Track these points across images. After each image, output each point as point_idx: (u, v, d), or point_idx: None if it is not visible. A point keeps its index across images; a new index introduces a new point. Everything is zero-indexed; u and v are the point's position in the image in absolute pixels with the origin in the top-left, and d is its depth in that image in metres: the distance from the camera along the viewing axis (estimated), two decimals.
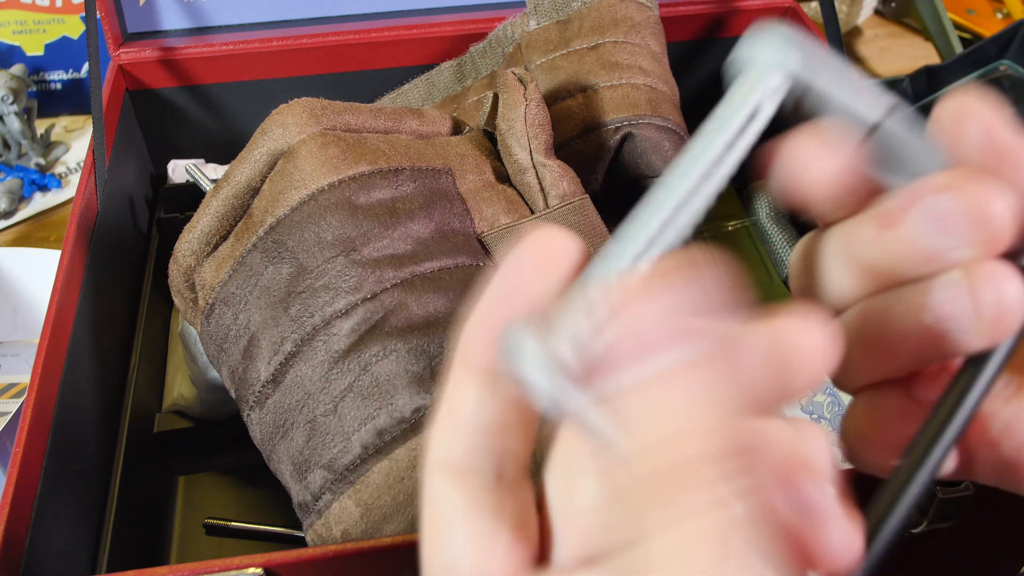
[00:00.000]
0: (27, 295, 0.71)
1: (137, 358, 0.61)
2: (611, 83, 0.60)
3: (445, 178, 0.51)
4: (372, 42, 0.72)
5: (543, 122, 0.53)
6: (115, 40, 0.71)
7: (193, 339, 0.59)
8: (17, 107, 0.85)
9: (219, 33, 0.73)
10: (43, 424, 0.46)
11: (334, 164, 0.47)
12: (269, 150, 0.49)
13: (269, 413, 0.47)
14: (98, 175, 0.60)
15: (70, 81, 0.94)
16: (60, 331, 0.50)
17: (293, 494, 0.46)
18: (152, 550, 0.57)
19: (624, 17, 0.63)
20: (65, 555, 0.46)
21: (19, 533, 0.42)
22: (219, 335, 0.49)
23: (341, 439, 0.44)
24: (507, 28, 0.67)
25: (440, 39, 0.72)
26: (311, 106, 0.50)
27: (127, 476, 0.54)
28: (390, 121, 0.52)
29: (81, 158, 0.91)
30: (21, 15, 0.90)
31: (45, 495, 0.44)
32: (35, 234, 0.84)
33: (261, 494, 0.60)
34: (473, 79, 0.68)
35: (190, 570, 0.39)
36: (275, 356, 0.46)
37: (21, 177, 0.86)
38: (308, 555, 0.40)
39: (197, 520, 0.58)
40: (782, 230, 0.74)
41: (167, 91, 0.73)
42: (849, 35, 1.06)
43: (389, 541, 0.40)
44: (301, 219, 0.47)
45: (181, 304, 0.52)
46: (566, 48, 0.63)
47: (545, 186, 0.52)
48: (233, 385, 0.49)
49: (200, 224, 0.50)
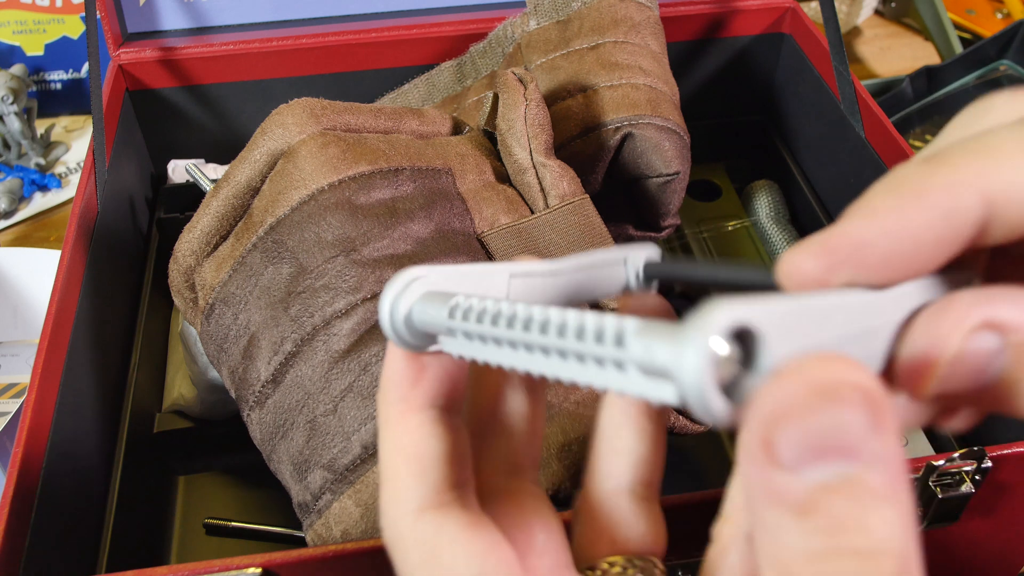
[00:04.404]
0: (27, 295, 0.71)
1: (137, 358, 0.61)
2: (611, 83, 0.60)
3: (445, 178, 0.51)
4: (372, 42, 0.72)
5: (543, 122, 0.53)
6: (115, 40, 0.71)
7: (193, 339, 0.59)
8: (17, 107, 0.85)
9: (219, 33, 0.73)
10: (43, 424, 0.46)
11: (334, 164, 0.47)
12: (269, 150, 0.49)
13: (269, 413, 0.47)
14: (98, 175, 0.60)
15: (70, 81, 0.94)
16: (60, 331, 0.50)
17: (293, 494, 0.46)
18: (152, 550, 0.57)
19: (624, 17, 0.63)
20: (65, 555, 0.46)
21: (19, 533, 0.42)
22: (219, 335, 0.49)
23: (341, 439, 0.44)
24: (507, 28, 0.67)
25: (440, 39, 0.72)
26: (311, 106, 0.50)
27: (127, 476, 0.54)
28: (390, 121, 0.52)
29: (81, 158, 0.91)
30: (21, 15, 0.90)
31: (45, 495, 0.44)
32: (35, 234, 0.84)
33: (261, 494, 0.60)
34: (473, 79, 0.68)
35: (190, 570, 0.39)
36: (275, 356, 0.46)
37: (21, 177, 0.86)
38: (308, 555, 0.40)
39: (197, 520, 0.58)
40: (782, 230, 0.74)
41: (167, 91, 0.73)
42: (849, 35, 1.06)
43: None
44: (301, 219, 0.47)
45: (181, 304, 0.52)
46: (566, 48, 0.63)
47: (545, 186, 0.52)
48: (233, 385, 0.49)
49: (200, 224, 0.50)
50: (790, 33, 0.76)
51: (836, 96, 0.67)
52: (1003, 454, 0.43)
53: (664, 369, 0.17)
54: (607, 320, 0.18)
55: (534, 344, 0.20)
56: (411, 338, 0.23)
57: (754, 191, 0.76)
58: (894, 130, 0.61)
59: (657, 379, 0.17)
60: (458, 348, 0.22)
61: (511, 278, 0.24)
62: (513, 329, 0.20)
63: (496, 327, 0.21)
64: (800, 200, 0.75)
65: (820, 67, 0.71)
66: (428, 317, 0.22)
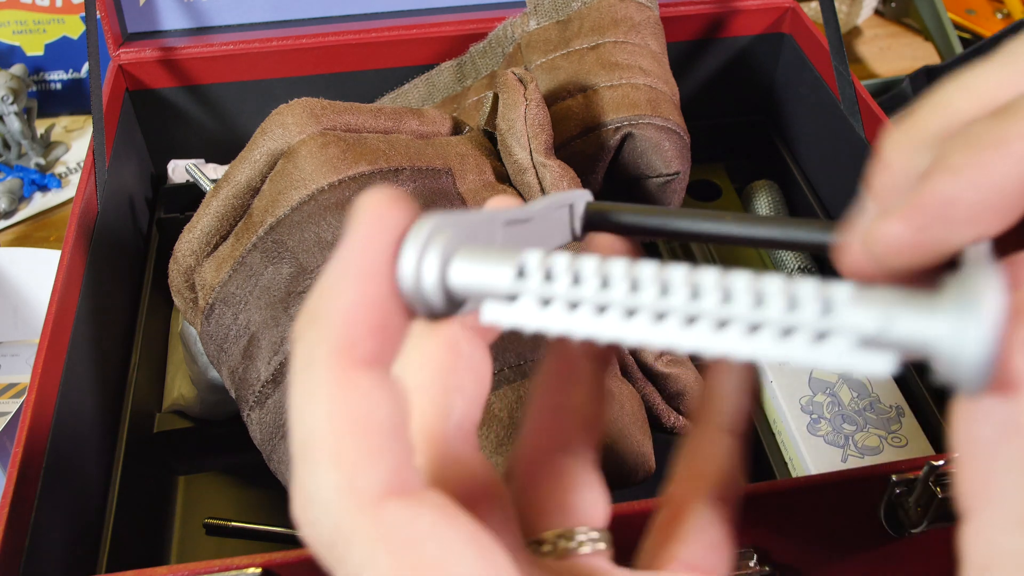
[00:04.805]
0: (27, 295, 0.71)
1: (137, 358, 0.61)
2: (611, 83, 0.60)
3: (445, 178, 0.51)
4: (372, 42, 0.72)
5: (543, 122, 0.53)
6: (115, 40, 0.71)
7: (193, 339, 0.59)
8: (17, 107, 0.85)
9: (219, 33, 0.73)
10: (43, 424, 0.46)
11: (334, 164, 0.47)
12: (269, 150, 0.49)
13: (269, 413, 0.47)
14: (98, 175, 0.60)
15: (70, 81, 0.94)
16: (60, 331, 0.50)
17: None
18: (152, 550, 0.57)
19: (624, 17, 0.63)
20: (65, 555, 0.46)
21: (19, 533, 0.42)
22: (219, 335, 0.49)
23: None
24: (507, 28, 0.67)
25: (440, 39, 0.72)
26: (311, 106, 0.50)
27: (127, 476, 0.54)
28: (390, 121, 0.52)
29: (81, 158, 0.91)
30: (21, 15, 0.90)
31: (45, 495, 0.44)
32: (35, 234, 0.84)
33: (261, 494, 0.60)
34: (473, 79, 0.68)
35: (190, 570, 0.39)
36: (275, 356, 0.46)
37: (21, 177, 0.86)
38: (308, 555, 0.40)
39: (197, 520, 0.58)
40: None
41: (167, 91, 0.73)
42: (849, 35, 1.06)
43: None
44: (301, 219, 0.47)
45: (181, 304, 0.52)
46: (566, 48, 0.63)
47: (545, 186, 0.52)
48: (233, 385, 0.49)
49: (200, 224, 0.50)
50: (790, 33, 0.76)
51: (836, 96, 0.67)
52: None
53: (922, 341, 0.16)
54: (804, 286, 0.17)
55: (675, 311, 0.18)
56: (441, 304, 0.19)
57: (754, 191, 0.76)
58: None
59: (875, 350, 0.17)
60: (517, 316, 0.19)
61: (506, 226, 0.21)
62: (641, 293, 0.18)
63: (609, 291, 0.18)
64: (800, 200, 0.75)
65: (820, 67, 0.71)
66: (478, 279, 0.18)
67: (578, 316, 0.18)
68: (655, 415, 0.50)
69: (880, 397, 0.58)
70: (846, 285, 0.17)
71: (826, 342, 0.17)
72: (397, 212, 0.18)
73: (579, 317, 0.18)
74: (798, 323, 0.17)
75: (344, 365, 0.17)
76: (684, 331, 0.18)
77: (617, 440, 0.44)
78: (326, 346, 0.17)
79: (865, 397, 0.58)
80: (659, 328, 0.18)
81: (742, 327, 0.17)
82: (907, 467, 0.43)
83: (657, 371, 0.51)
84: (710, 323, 0.18)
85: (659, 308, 0.18)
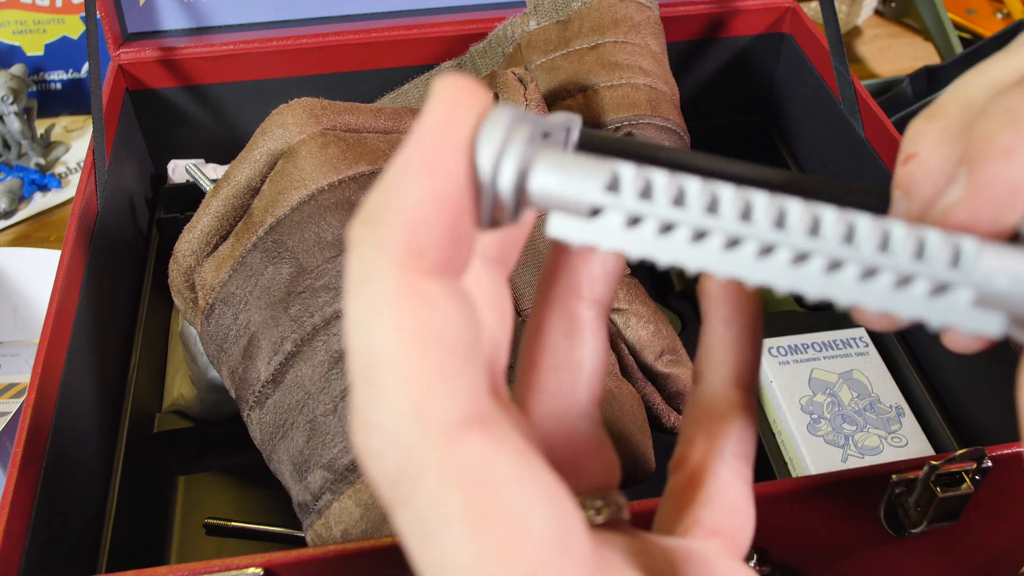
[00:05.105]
0: (27, 295, 0.71)
1: (137, 358, 0.61)
2: (611, 83, 0.60)
3: None
4: (372, 42, 0.72)
5: None
6: (115, 40, 0.71)
7: (193, 339, 0.59)
8: (17, 107, 0.85)
9: (219, 33, 0.73)
10: (43, 424, 0.46)
11: (334, 164, 0.47)
12: (269, 150, 0.49)
13: (269, 413, 0.47)
14: (98, 175, 0.60)
15: (70, 81, 0.94)
16: (60, 331, 0.50)
17: (293, 494, 0.46)
18: (152, 550, 0.57)
19: (624, 17, 0.63)
20: (65, 555, 0.46)
21: (19, 533, 0.42)
22: (219, 335, 0.49)
23: (341, 439, 0.44)
24: (507, 28, 0.67)
25: (440, 39, 0.72)
26: (311, 106, 0.50)
27: (127, 476, 0.54)
28: (390, 121, 0.52)
29: (81, 158, 0.91)
30: (21, 15, 0.90)
31: (45, 495, 0.44)
32: (35, 234, 0.84)
33: (261, 494, 0.60)
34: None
35: (190, 570, 0.39)
36: (275, 356, 0.46)
37: (21, 177, 0.86)
38: (308, 555, 0.40)
39: (197, 520, 0.58)
40: None
41: (167, 91, 0.73)
42: (849, 35, 1.06)
43: (389, 541, 0.40)
44: (301, 219, 0.47)
45: (181, 304, 0.52)
46: (566, 48, 0.63)
47: None
48: (233, 385, 0.49)
49: (200, 224, 0.50)
50: (790, 33, 0.76)
51: (836, 96, 0.67)
52: (1003, 454, 0.43)
53: None
54: (931, 234, 0.16)
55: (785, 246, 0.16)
56: (511, 210, 0.17)
57: None
58: (894, 130, 0.61)
59: (987, 310, 0.16)
60: (594, 234, 0.17)
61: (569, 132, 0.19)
62: (752, 225, 0.16)
63: (714, 216, 0.16)
64: None
65: (820, 67, 0.71)
66: (562, 186, 0.16)
67: (672, 240, 0.16)
68: (655, 415, 0.50)
69: (880, 397, 0.58)
70: (969, 237, 0.16)
71: (945, 295, 0.16)
72: (474, 100, 0.16)
73: (673, 241, 0.16)
74: (917, 272, 0.16)
75: (411, 274, 0.15)
76: (792, 270, 0.16)
77: (617, 440, 0.44)
78: (390, 251, 0.15)
79: (865, 397, 0.58)
80: (762, 263, 0.16)
81: (857, 270, 0.16)
82: (907, 467, 0.43)
83: (657, 371, 0.51)
84: (822, 264, 0.16)
85: (767, 241, 0.16)
